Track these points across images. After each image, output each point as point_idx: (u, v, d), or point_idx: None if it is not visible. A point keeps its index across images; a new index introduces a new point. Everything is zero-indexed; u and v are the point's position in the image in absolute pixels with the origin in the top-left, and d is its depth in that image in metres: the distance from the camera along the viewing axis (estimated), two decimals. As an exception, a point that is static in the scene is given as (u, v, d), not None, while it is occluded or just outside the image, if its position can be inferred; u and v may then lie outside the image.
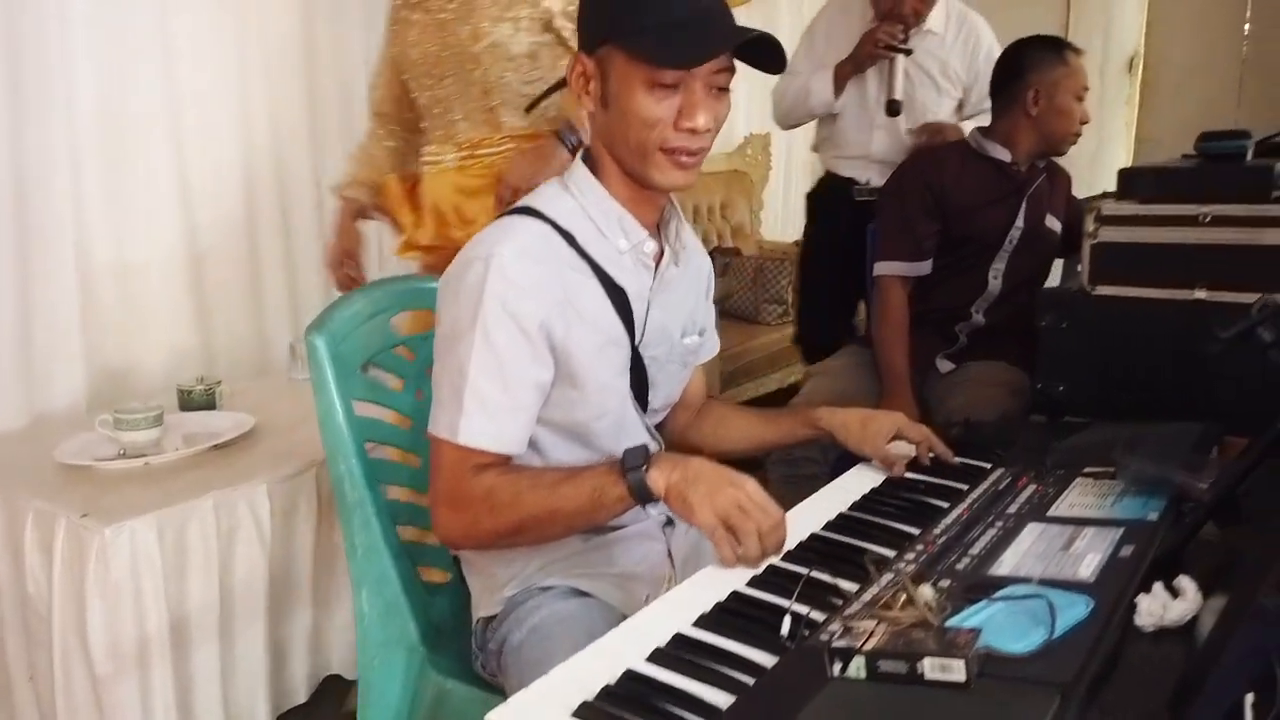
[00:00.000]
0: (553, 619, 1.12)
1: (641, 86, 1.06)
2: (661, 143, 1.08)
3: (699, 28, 1.05)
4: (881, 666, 0.73)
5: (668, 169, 1.10)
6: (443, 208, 1.80)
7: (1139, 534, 0.96)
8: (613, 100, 1.09)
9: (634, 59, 1.05)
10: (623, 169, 1.14)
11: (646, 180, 1.12)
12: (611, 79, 1.08)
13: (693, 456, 1.06)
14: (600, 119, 1.13)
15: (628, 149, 1.10)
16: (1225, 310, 1.25)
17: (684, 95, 1.07)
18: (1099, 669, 0.72)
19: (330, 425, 1.28)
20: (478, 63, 1.74)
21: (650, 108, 1.06)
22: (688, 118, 1.06)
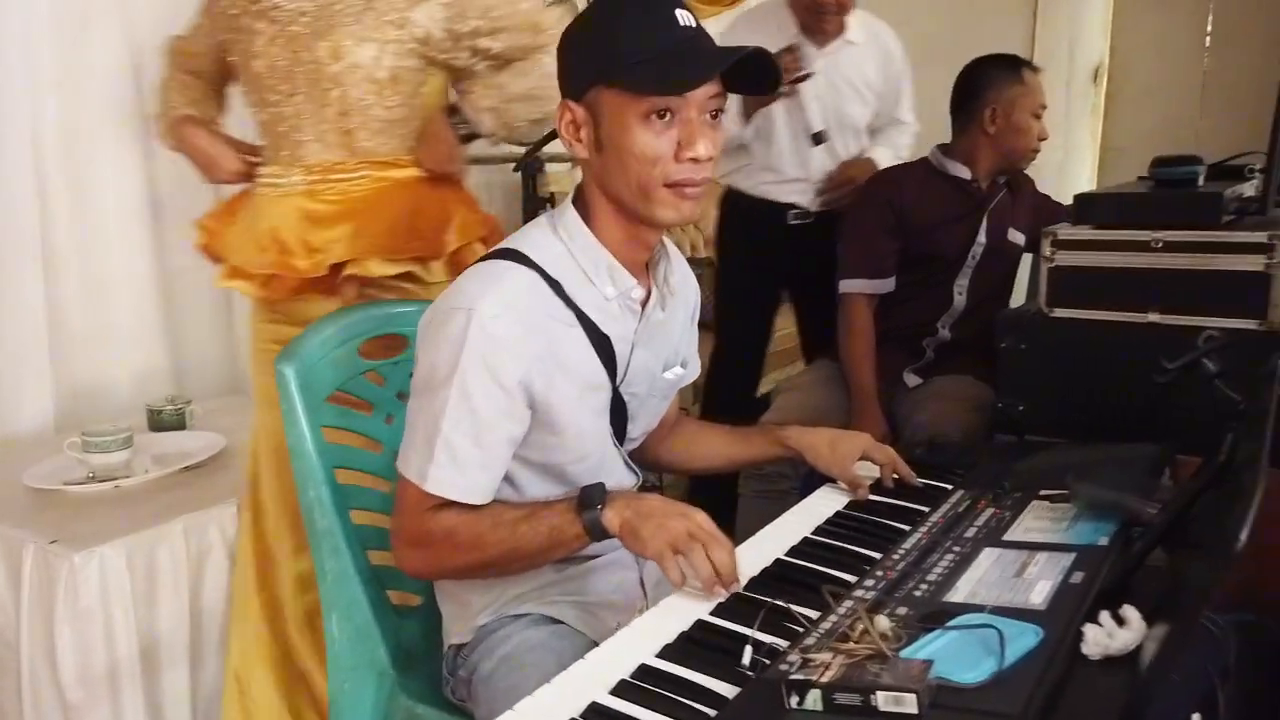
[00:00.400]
0: (523, 647, 1.13)
1: (637, 121, 1.05)
2: (665, 178, 1.07)
3: (689, 54, 1.06)
4: (837, 699, 0.75)
5: (673, 203, 1.09)
6: (284, 235, 1.59)
7: (1090, 559, 0.99)
8: (608, 142, 1.08)
9: (627, 93, 1.04)
10: (622, 210, 1.12)
11: (651, 219, 1.11)
12: (604, 121, 1.08)
13: (647, 494, 1.09)
14: (595, 164, 1.11)
15: (629, 189, 1.09)
16: (1177, 332, 1.29)
17: (681, 127, 1.06)
18: (1046, 699, 0.75)
19: (300, 454, 1.29)
20: (336, 83, 1.57)
21: (649, 142, 1.05)
22: (688, 148, 1.06)
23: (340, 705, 1.35)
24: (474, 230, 1.68)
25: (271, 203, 1.64)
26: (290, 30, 1.58)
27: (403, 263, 1.60)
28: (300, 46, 1.58)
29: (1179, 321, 1.38)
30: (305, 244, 1.58)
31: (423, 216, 1.63)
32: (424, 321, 1.14)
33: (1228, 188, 1.46)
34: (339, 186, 1.61)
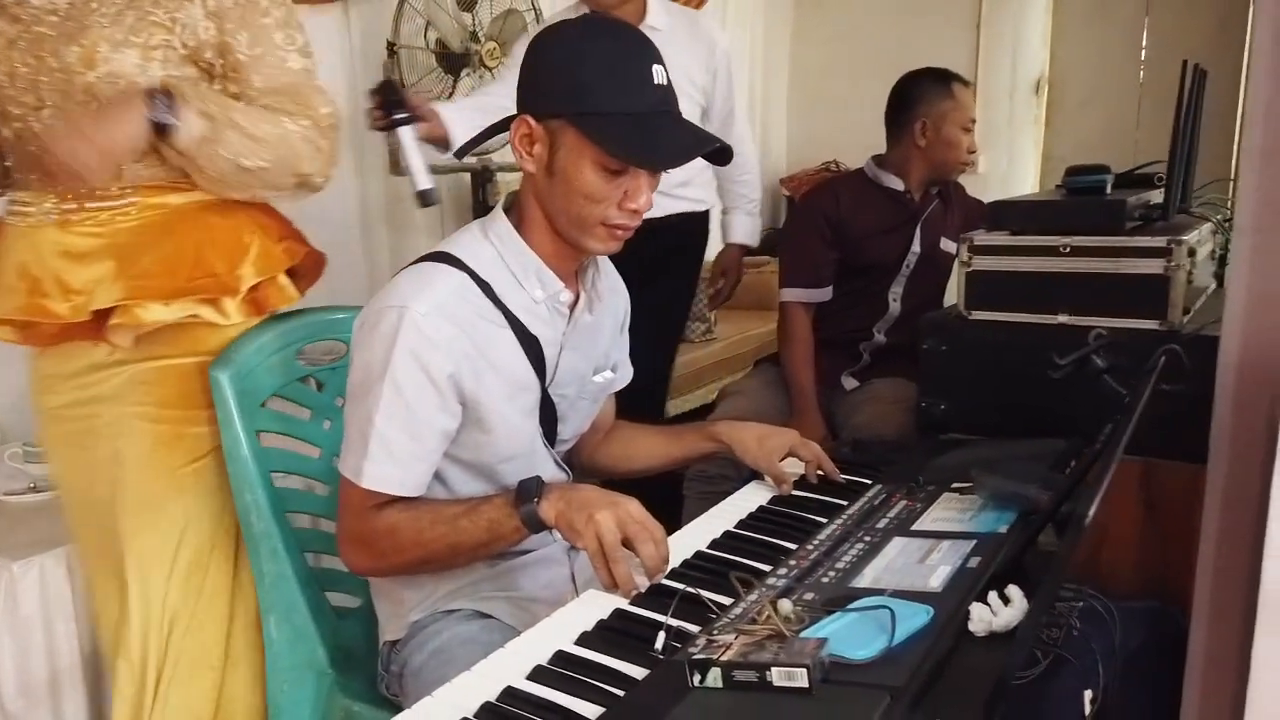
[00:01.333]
0: (454, 641, 1.17)
1: (592, 167, 1.11)
2: (604, 219, 1.14)
3: (658, 126, 1.12)
4: (736, 676, 0.80)
5: (604, 240, 1.17)
6: (37, 272, 1.33)
7: (988, 546, 1.05)
8: (559, 171, 1.13)
9: (591, 144, 1.10)
10: (554, 229, 1.18)
11: (580, 247, 1.18)
12: (561, 151, 1.12)
13: (582, 485, 1.13)
14: (541, 182, 1.16)
15: (568, 217, 1.15)
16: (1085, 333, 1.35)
17: (631, 179, 1.13)
18: (930, 672, 0.80)
19: (236, 458, 1.31)
20: (91, 95, 1.30)
21: (598, 187, 1.12)
22: (632, 200, 1.13)
23: (280, 706, 1.38)
24: (275, 263, 1.43)
25: (21, 235, 1.37)
26: (35, 31, 1.33)
27: (186, 304, 1.34)
28: (47, 51, 1.32)
29: (1086, 322, 1.44)
30: (61, 284, 1.32)
31: (210, 249, 1.37)
32: (358, 322, 1.18)
33: (1133, 195, 1.53)
34: (100, 216, 1.34)
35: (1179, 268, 1.37)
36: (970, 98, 2.23)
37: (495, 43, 2.86)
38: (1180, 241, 1.37)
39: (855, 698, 0.76)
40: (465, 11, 2.84)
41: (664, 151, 1.12)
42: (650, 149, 1.10)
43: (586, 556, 1.31)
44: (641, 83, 1.11)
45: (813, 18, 5.28)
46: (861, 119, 2.69)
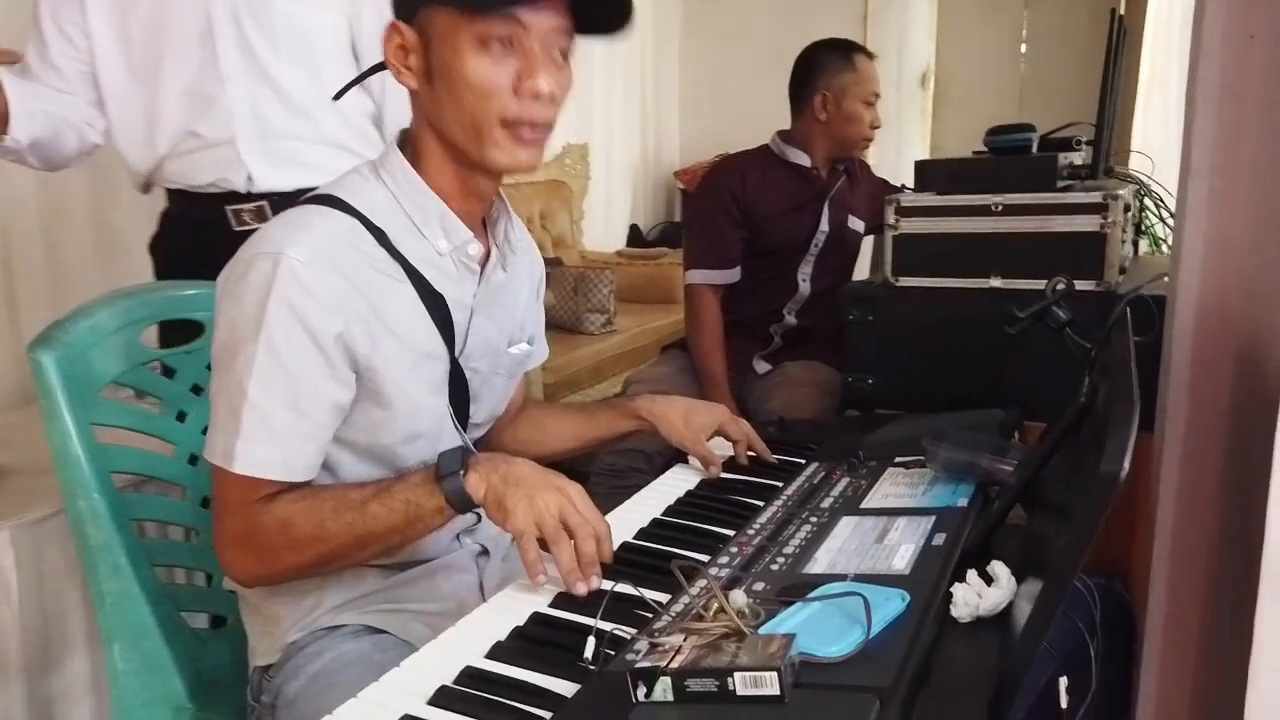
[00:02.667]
0: (338, 663, 0.98)
1: (471, 46, 0.92)
2: (501, 114, 0.94)
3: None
4: (690, 686, 0.66)
5: (509, 145, 0.96)
6: None
7: (950, 521, 0.94)
8: (439, 70, 0.95)
9: (460, 12, 0.92)
10: (454, 152, 0.99)
11: (484, 161, 0.98)
12: (435, 45, 0.94)
13: (516, 458, 0.96)
14: (425, 96, 0.98)
15: (461, 126, 0.96)
16: (1020, 296, 1.27)
17: (521, 57, 0.94)
18: (917, 668, 0.67)
19: (65, 456, 1.09)
20: None
21: (485, 71, 0.93)
22: (529, 78, 0.93)
23: (128, 750, 1.16)
24: None
25: None
26: None
27: None
28: None
29: (1020, 286, 1.37)
30: None
31: None
32: (222, 277, 0.97)
33: (1060, 154, 1.47)
34: None
35: (1115, 224, 1.31)
36: (873, 71, 2.16)
37: None
38: (1116, 196, 1.31)
39: (838, 704, 0.63)
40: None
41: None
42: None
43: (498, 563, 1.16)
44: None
45: (702, 14, 5.26)
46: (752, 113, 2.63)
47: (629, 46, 4.87)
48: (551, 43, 0.95)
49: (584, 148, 4.53)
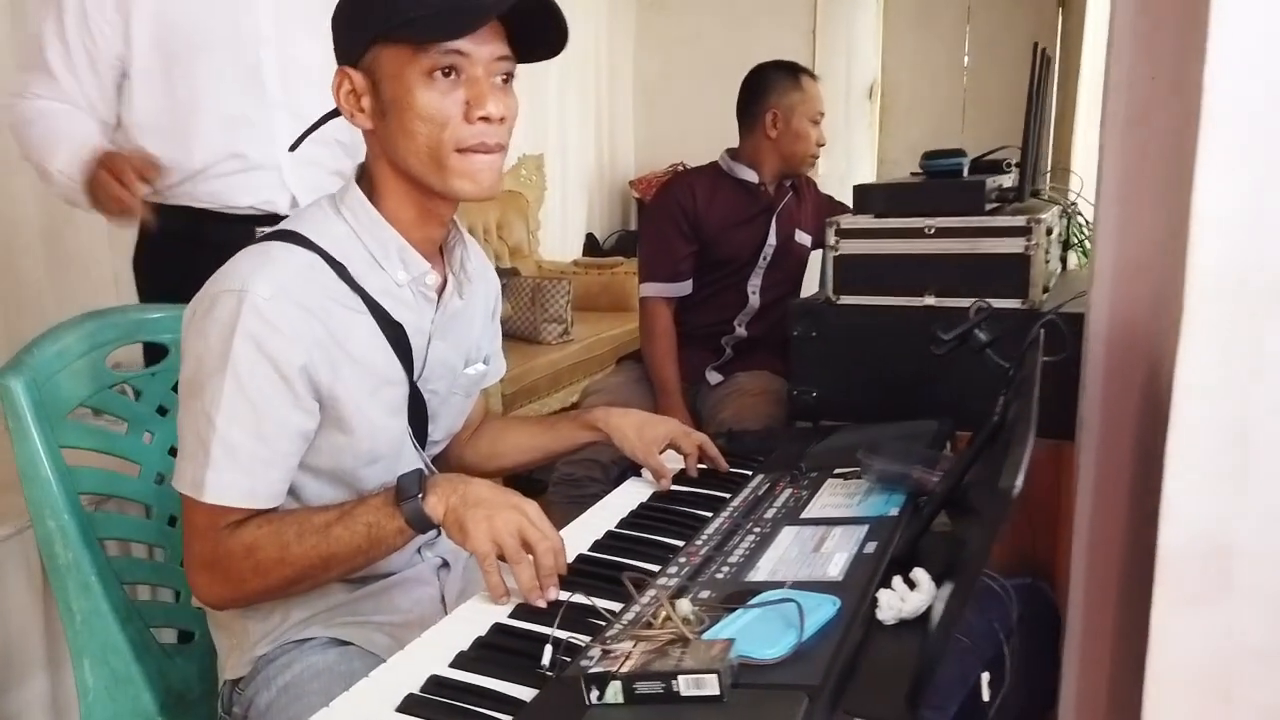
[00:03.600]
0: (308, 674, 1.03)
1: (419, 80, 0.97)
2: (456, 142, 0.99)
3: (470, 6, 0.96)
4: (638, 689, 0.72)
5: (468, 172, 1.01)
6: None
7: (881, 530, 1.01)
8: (390, 106, 0.99)
9: (406, 46, 0.96)
10: (412, 183, 1.04)
11: (446, 191, 1.02)
12: (384, 84, 0.99)
13: (474, 478, 1.01)
14: (380, 134, 1.02)
15: (419, 158, 1.00)
16: (951, 314, 1.35)
17: (468, 88, 0.99)
18: (844, 667, 0.74)
19: (34, 478, 1.12)
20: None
21: (434, 102, 0.97)
22: (478, 106, 0.98)
23: (97, 764, 1.19)
24: None
25: None
26: None
27: None
28: None
29: (952, 304, 1.45)
30: None
31: None
32: (188, 312, 1.02)
33: (989, 178, 1.56)
34: None
35: (1038, 246, 1.39)
36: (818, 91, 2.25)
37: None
38: (1039, 220, 1.39)
39: (771, 701, 0.69)
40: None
41: (474, 11, 0.95)
42: (458, 17, 0.95)
43: (458, 575, 1.21)
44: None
45: (655, 25, 5.34)
46: (705, 122, 2.71)
47: (583, 58, 4.94)
48: (494, 69, 1.00)
49: (539, 158, 4.58)
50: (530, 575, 0.94)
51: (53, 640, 1.68)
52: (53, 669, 1.69)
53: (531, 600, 0.94)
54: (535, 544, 0.95)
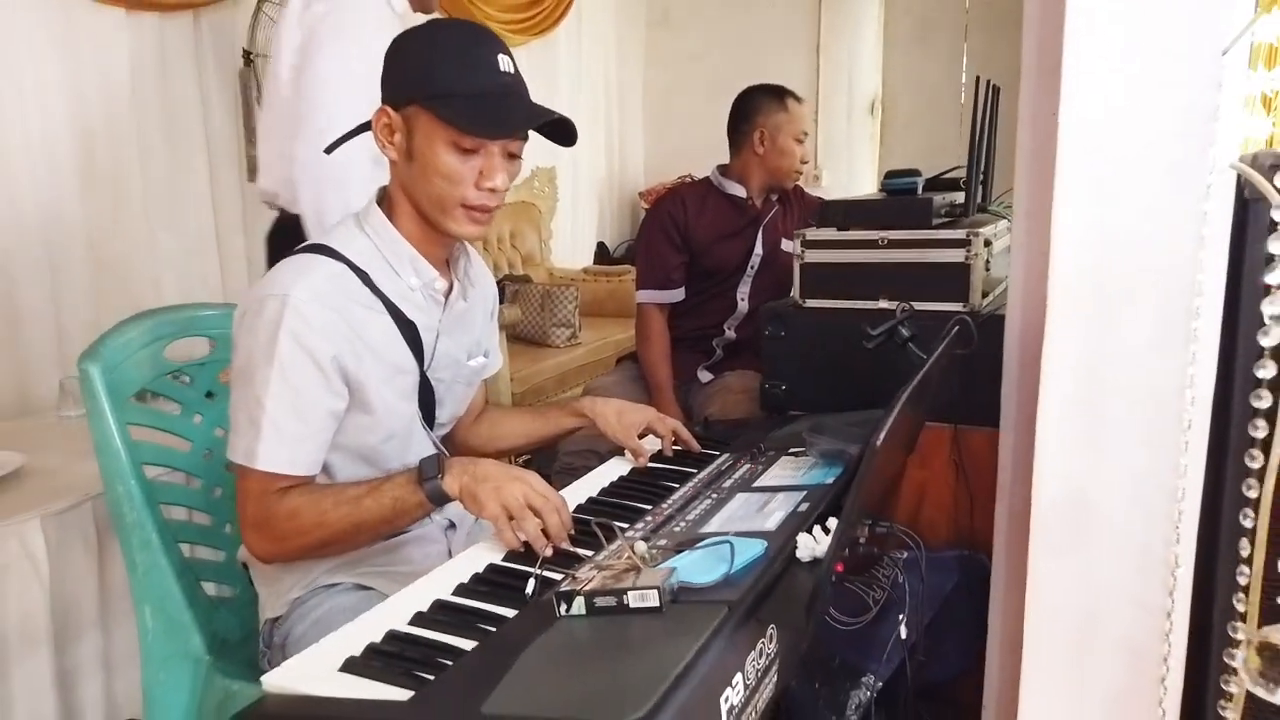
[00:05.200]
0: (335, 610, 1.23)
1: (446, 147, 1.19)
2: (463, 200, 1.21)
3: (503, 103, 1.20)
4: (597, 602, 0.91)
5: (464, 223, 1.24)
6: None
7: (816, 494, 1.20)
8: (417, 155, 1.21)
9: (442, 123, 1.18)
10: (421, 214, 1.26)
11: (443, 229, 1.25)
12: (417, 136, 1.20)
13: (482, 459, 1.20)
14: (403, 169, 1.24)
15: (429, 201, 1.23)
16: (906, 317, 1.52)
17: (484, 159, 1.21)
18: (762, 590, 0.93)
19: (107, 450, 1.33)
20: None
21: (454, 167, 1.19)
22: (487, 179, 1.21)
23: (154, 696, 1.40)
24: None
25: None
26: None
27: None
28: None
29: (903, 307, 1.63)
30: None
31: None
32: (239, 313, 1.22)
33: (940, 196, 1.74)
34: None
35: (977, 256, 1.58)
36: (803, 112, 2.44)
37: (353, 54, 2.89)
38: (977, 234, 1.58)
39: (699, 612, 0.88)
40: (322, 22, 2.86)
41: (504, 123, 1.20)
42: (493, 122, 1.19)
43: (464, 535, 1.41)
44: (489, 68, 1.20)
45: (663, 43, 5.54)
46: (712, 135, 2.87)
47: (594, 74, 5.16)
48: (508, 147, 1.23)
49: (551, 170, 4.79)
50: (536, 529, 1.12)
51: (106, 602, 1.89)
52: (105, 629, 1.90)
53: (539, 551, 1.11)
54: (540, 507, 1.13)
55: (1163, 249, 0.93)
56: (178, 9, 2.87)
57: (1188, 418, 0.94)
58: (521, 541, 1.13)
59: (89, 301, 2.72)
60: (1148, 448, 0.95)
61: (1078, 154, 0.97)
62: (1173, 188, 0.92)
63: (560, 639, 0.88)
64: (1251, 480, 0.85)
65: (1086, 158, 0.96)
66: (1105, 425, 0.98)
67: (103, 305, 2.74)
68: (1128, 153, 0.93)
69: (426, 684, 0.83)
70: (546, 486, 1.17)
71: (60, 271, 2.66)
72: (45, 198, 2.61)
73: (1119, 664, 1.00)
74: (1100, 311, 0.97)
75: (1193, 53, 0.90)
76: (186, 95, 2.94)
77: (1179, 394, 0.94)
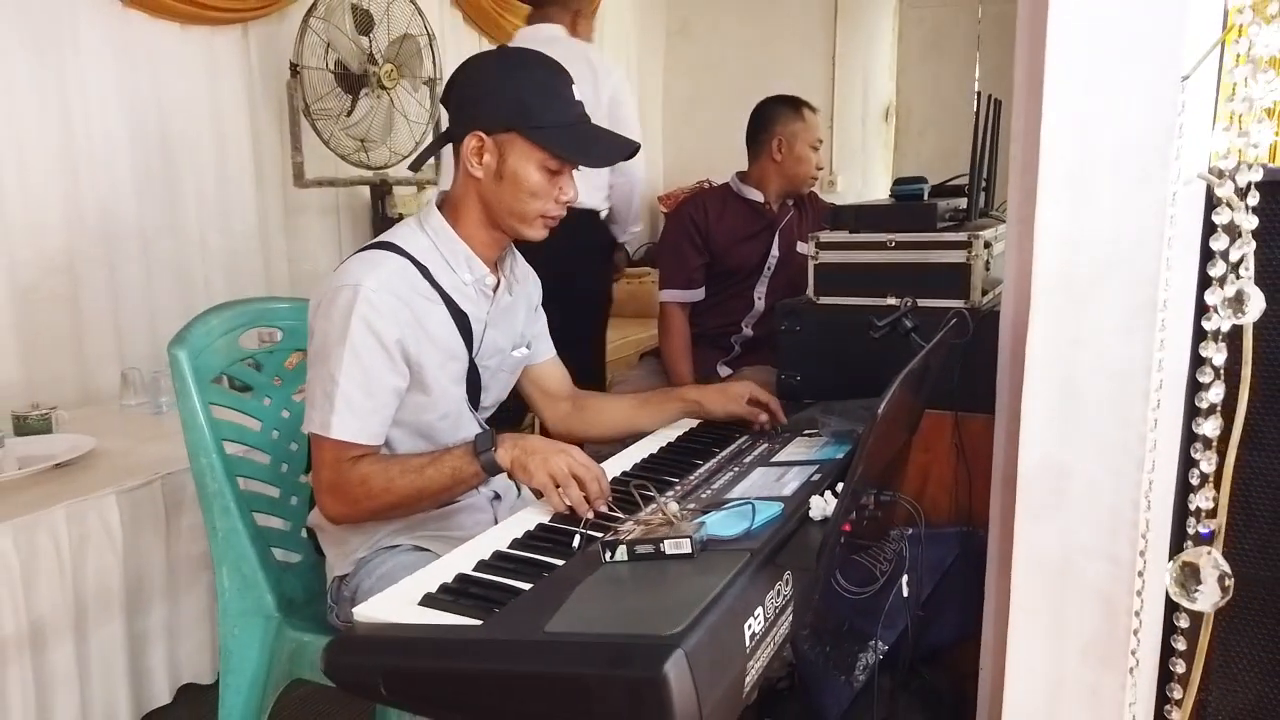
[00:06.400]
0: (398, 568, 1.38)
1: (539, 168, 1.37)
2: (543, 212, 1.40)
3: (588, 133, 1.40)
4: (637, 550, 1.06)
5: (540, 229, 1.43)
6: None
7: (828, 467, 1.34)
8: (508, 175, 1.38)
9: (538, 149, 1.36)
10: (493, 223, 1.43)
11: (522, 237, 1.44)
12: (510, 158, 1.38)
13: (530, 435, 1.36)
14: (488, 185, 1.40)
15: (513, 214, 1.40)
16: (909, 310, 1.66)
17: (564, 177, 1.40)
18: (779, 542, 1.08)
19: (193, 426, 1.49)
20: None
21: (543, 186, 1.38)
22: (565, 193, 1.41)
23: (230, 648, 1.55)
24: None
25: None
26: None
27: None
28: None
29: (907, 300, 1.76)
30: None
31: None
32: (314, 302, 1.38)
33: (945, 201, 1.88)
34: None
35: (977, 257, 1.72)
36: (817, 121, 2.59)
37: (392, 65, 3.06)
38: (978, 236, 1.72)
39: (725, 558, 1.03)
40: (363, 35, 3.04)
41: (597, 152, 1.41)
42: (587, 151, 1.39)
43: (508, 507, 1.55)
44: (567, 100, 1.39)
45: (682, 51, 5.68)
46: (729, 141, 3.01)
47: (616, 82, 5.30)
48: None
49: (574, 176, 4.93)
50: (580, 495, 1.26)
51: (172, 575, 2.06)
52: (170, 600, 2.06)
53: (582, 514, 1.25)
54: (582, 476, 1.28)
55: (1132, 248, 1.06)
56: (228, 23, 3.04)
57: (1156, 396, 1.07)
58: (566, 506, 1.27)
59: (145, 298, 2.89)
60: (1119, 421, 1.08)
61: (1056, 164, 1.11)
62: (1141, 195, 1.05)
63: (607, 578, 1.03)
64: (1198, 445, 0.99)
65: (1064, 167, 1.10)
66: (1080, 402, 1.11)
67: (156, 303, 2.91)
68: (1101, 164, 1.07)
69: (494, 613, 0.98)
70: (588, 459, 1.32)
71: (118, 270, 2.83)
72: (105, 200, 2.78)
73: (1095, 613, 1.13)
74: (1075, 302, 1.10)
75: (1157, 78, 1.04)
76: (235, 104, 3.10)
77: (1146, 374, 1.07)
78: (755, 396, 1.66)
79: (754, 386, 1.68)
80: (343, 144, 3.03)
